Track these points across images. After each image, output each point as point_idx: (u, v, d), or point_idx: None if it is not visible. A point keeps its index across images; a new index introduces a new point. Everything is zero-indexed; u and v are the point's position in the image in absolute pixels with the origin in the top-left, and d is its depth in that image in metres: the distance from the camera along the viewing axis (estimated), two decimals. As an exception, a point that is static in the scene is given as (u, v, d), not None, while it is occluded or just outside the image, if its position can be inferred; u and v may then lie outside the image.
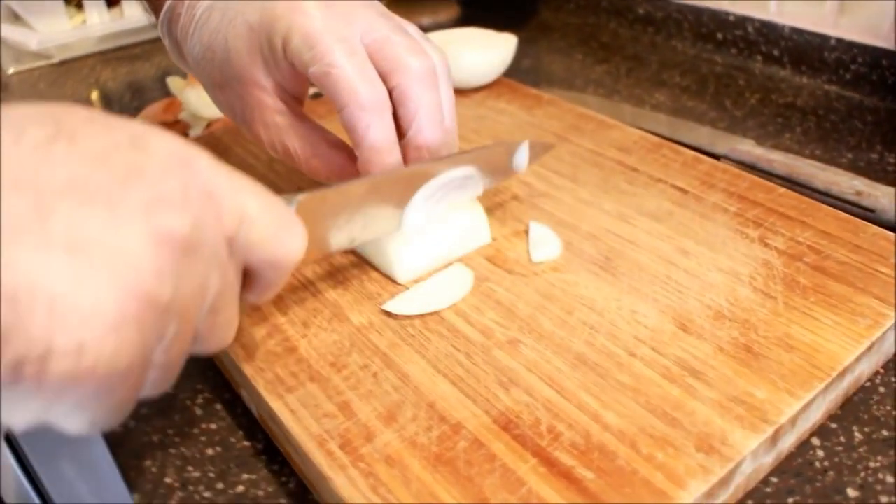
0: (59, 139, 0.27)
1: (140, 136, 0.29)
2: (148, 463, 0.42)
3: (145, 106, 0.83)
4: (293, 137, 0.47)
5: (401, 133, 0.46)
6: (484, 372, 0.40)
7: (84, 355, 0.25)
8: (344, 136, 0.47)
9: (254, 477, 0.41)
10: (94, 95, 0.94)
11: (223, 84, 0.48)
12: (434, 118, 0.45)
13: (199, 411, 0.45)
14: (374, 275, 0.48)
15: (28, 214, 0.25)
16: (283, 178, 0.61)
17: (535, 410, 0.37)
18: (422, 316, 0.44)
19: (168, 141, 0.30)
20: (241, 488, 0.40)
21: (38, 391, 0.25)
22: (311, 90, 0.52)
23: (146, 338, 0.27)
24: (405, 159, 0.46)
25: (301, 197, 0.40)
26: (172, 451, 0.43)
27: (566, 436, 0.36)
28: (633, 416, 0.37)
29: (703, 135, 0.67)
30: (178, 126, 0.78)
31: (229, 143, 0.66)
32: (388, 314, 0.45)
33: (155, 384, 0.31)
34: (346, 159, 0.48)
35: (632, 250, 0.49)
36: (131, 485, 0.41)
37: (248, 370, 0.42)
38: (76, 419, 0.28)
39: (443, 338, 0.43)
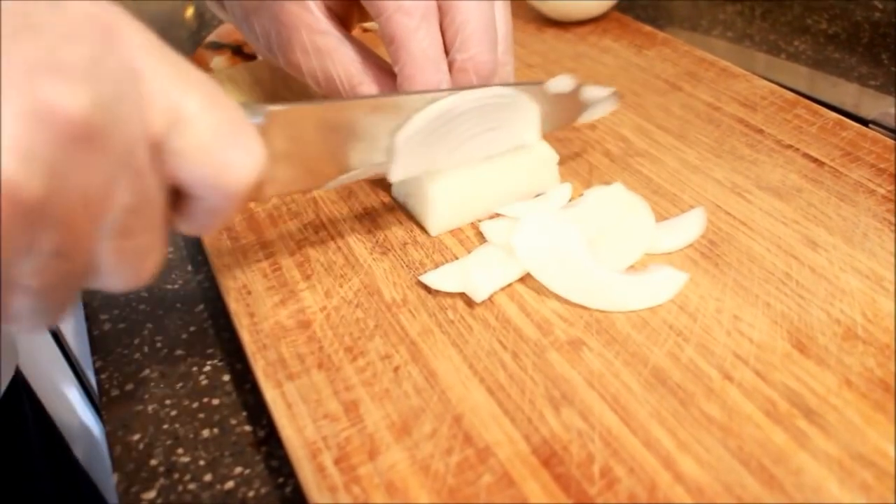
0: None
1: None
2: (136, 438, 0.36)
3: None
4: (338, 62, 0.40)
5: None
6: (532, 381, 0.32)
7: None
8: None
9: (248, 472, 0.34)
10: (190, 12, 0.89)
11: (258, 7, 0.41)
12: (484, 36, 0.38)
13: (203, 381, 0.39)
14: (422, 237, 0.40)
15: None
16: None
17: (588, 442, 0.29)
18: (467, 296, 0.36)
19: (93, 4, 0.23)
20: (230, 484, 0.34)
21: None
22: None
23: (4, 244, 0.21)
24: None
25: (275, 108, 0.32)
26: (165, 426, 0.37)
27: (624, 484, 0.27)
28: (718, 465, 0.28)
29: (849, 93, 0.56)
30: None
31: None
32: (426, 289, 0.37)
33: (28, 314, 0.24)
34: (395, 86, 0.40)
35: (744, 235, 0.39)
36: (115, 461, 0.36)
37: (249, 345, 0.34)
38: None
39: (488, 328, 0.34)
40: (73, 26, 0.22)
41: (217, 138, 0.26)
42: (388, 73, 0.40)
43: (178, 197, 0.27)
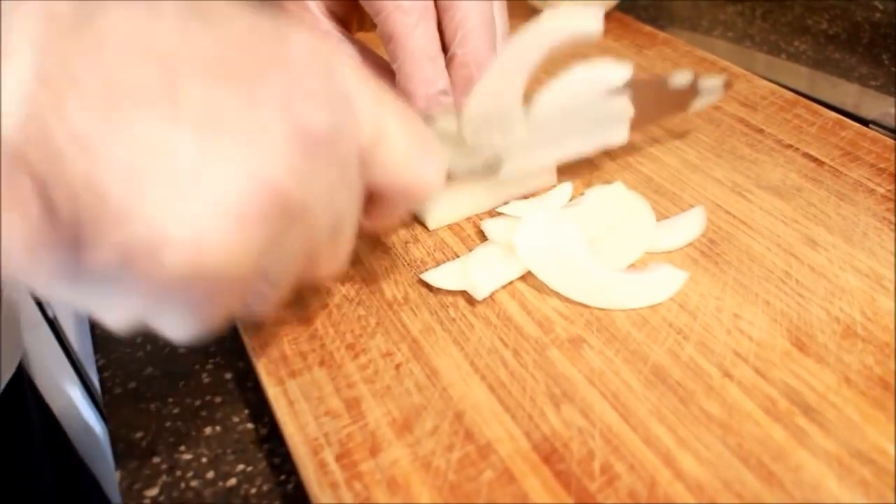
0: (195, 19, 0.24)
1: (282, 29, 0.27)
2: (139, 435, 0.36)
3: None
4: None
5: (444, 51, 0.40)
6: (533, 378, 0.32)
7: (203, 249, 0.22)
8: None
9: (250, 469, 0.34)
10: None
11: (258, 8, 0.41)
12: (484, 31, 0.39)
13: (206, 379, 0.39)
14: (423, 236, 0.40)
15: (158, 86, 0.22)
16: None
17: (588, 439, 0.29)
18: (468, 294, 0.36)
19: (311, 38, 0.27)
20: (232, 482, 0.34)
21: (144, 286, 0.23)
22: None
23: (269, 241, 0.24)
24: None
25: (441, 121, 0.37)
26: (168, 424, 0.37)
27: (624, 480, 0.27)
28: (718, 462, 0.28)
29: (849, 94, 0.56)
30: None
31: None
32: (427, 287, 0.37)
33: (259, 301, 0.28)
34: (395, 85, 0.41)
35: (744, 234, 0.39)
36: (118, 459, 0.36)
37: (251, 343, 0.35)
38: (176, 323, 0.25)
39: (489, 326, 0.34)
40: (305, 59, 0.26)
41: (411, 152, 0.30)
42: (388, 73, 0.41)
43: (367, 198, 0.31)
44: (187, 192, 0.22)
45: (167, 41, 0.23)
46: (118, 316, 0.25)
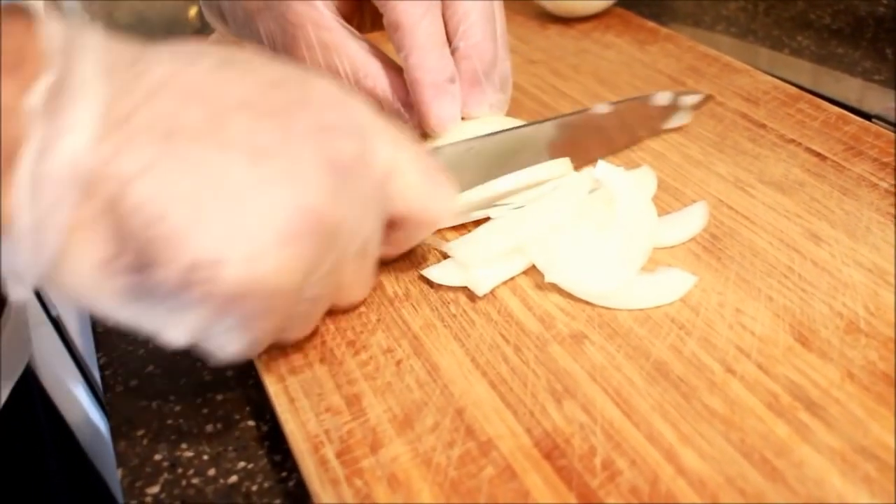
0: (230, 67, 0.28)
1: (302, 73, 0.30)
2: (141, 433, 0.36)
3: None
4: (343, 56, 0.41)
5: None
6: (534, 374, 0.32)
7: (256, 265, 0.25)
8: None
9: (251, 466, 0.34)
10: (193, 11, 0.89)
11: (262, 8, 0.42)
12: (486, 25, 0.40)
13: (207, 377, 0.39)
14: (425, 233, 0.40)
15: (204, 123, 0.26)
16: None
17: (590, 435, 0.29)
18: (469, 291, 0.36)
19: (326, 80, 0.31)
20: (234, 479, 0.34)
21: (205, 300, 0.25)
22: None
23: (311, 259, 0.27)
24: None
25: (445, 147, 0.39)
26: (170, 421, 0.37)
27: (626, 476, 0.27)
28: (721, 458, 0.28)
29: (853, 88, 0.56)
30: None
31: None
32: (428, 283, 0.37)
33: (297, 322, 0.31)
34: (401, 78, 0.41)
35: (746, 229, 0.38)
36: (119, 457, 0.36)
37: (252, 340, 0.35)
38: (229, 340, 0.27)
39: (490, 322, 0.34)
40: (324, 97, 0.29)
41: (425, 183, 0.32)
42: (392, 68, 0.41)
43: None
44: (242, 212, 0.25)
45: (207, 86, 0.27)
46: (178, 333, 0.26)
